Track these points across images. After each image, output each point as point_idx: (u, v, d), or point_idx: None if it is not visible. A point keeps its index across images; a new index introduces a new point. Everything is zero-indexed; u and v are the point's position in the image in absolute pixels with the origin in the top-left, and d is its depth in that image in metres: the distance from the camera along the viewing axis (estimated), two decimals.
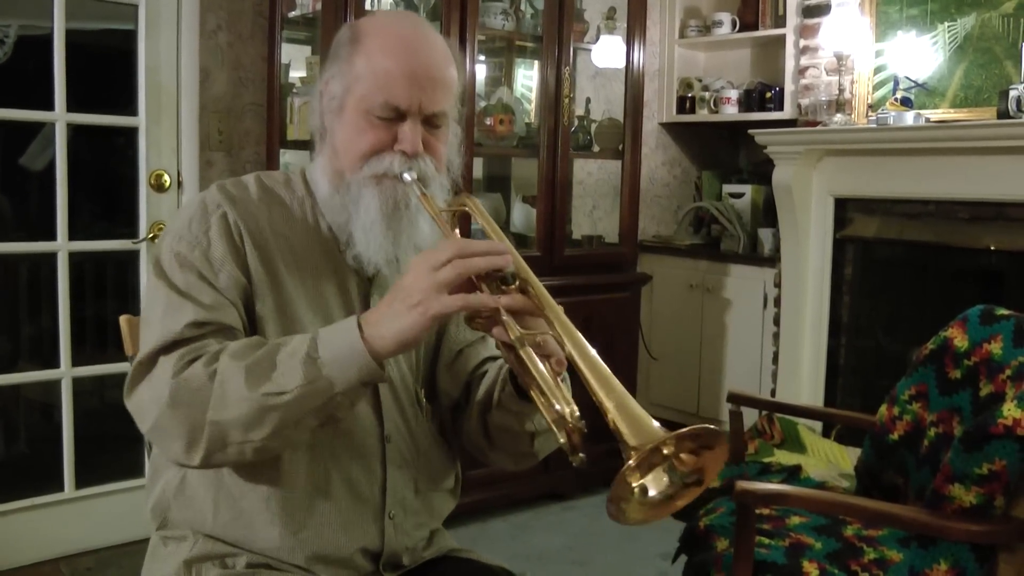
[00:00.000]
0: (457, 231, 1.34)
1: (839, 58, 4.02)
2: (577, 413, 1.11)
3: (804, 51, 4.25)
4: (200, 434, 1.19)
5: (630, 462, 0.99)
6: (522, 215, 4.05)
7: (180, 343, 1.23)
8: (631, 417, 1.03)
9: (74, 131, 3.08)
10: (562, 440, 1.13)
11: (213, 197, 1.36)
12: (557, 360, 1.14)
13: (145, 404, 1.23)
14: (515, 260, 1.20)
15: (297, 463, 1.32)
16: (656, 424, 1.03)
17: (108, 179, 3.36)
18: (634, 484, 1.03)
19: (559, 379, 1.15)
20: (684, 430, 1.01)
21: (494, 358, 1.46)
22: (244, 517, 1.32)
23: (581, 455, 1.12)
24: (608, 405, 1.04)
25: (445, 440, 1.51)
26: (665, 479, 1.05)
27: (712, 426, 1.03)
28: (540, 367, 1.14)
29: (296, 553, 1.33)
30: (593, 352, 1.12)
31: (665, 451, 1.03)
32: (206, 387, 1.18)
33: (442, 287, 1.14)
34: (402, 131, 1.32)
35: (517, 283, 1.19)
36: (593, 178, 4.59)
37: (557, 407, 1.11)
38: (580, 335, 1.13)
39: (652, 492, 1.05)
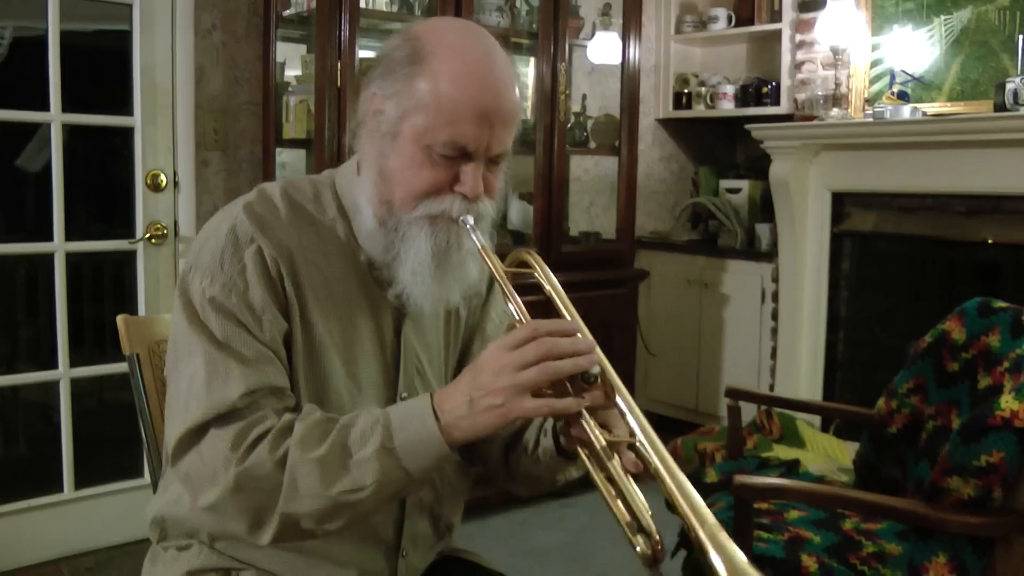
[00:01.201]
0: (519, 300, 1.25)
1: (835, 52, 4.03)
2: (653, 526, 1.04)
3: (800, 46, 4.25)
4: (268, 518, 1.14)
5: None
6: (519, 212, 4.04)
7: (233, 415, 1.16)
8: (731, 561, 0.96)
9: (70, 132, 3.08)
10: (639, 547, 1.04)
11: (244, 227, 1.24)
12: (634, 463, 1.09)
13: (198, 481, 1.17)
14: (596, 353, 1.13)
15: None
16: (747, 562, 0.97)
17: (104, 179, 3.36)
18: None
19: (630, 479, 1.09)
20: None
21: None
22: (252, 546, 1.26)
23: (660, 571, 1.06)
24: (701, 535, 0.98)
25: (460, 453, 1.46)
26: None
27: None
28: (626, 480, 1.07)
29: None
30: (674, 463, 1.05)
31: None
32: (274, 476, 1.13)
33: (527, 389, 1.09)
34: (464, 172, 1.21)
35: (599, 382, 1.12)
36: (590, 175, 4.59)
37: (642, 521, 1.05)
38: (656, 436, 1.08)
39: None
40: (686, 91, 4.77)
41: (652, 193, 4.88)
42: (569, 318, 1.18)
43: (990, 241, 3.53)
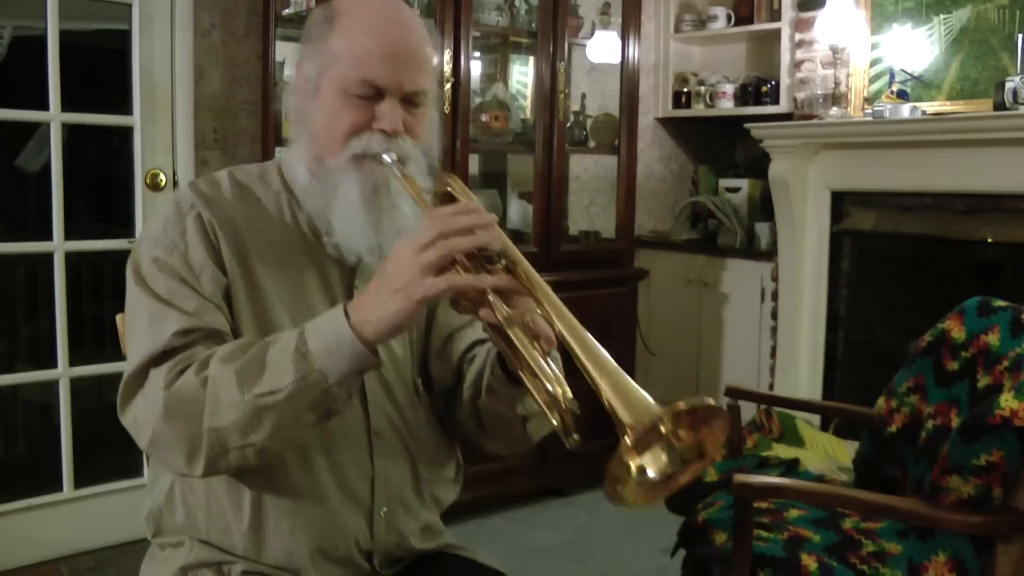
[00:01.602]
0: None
1: (835, 51, 4.02)
2: (570, 395, 1.08)
3: (799, 45, 4.25)
4: (199, 443, 1.17)
5: (626, 440, 0.95)
6: (518, 211, 4.04)
7: (169, 353, 1.21)
8: (626, 395, 0.99)
9: (69, 131, 3.08)
10: (555, 423, 1.10)
11: (186, 197, 1.33)
12: (546, 339, 1.12)
13: (140, 419, 1.21)
14: (500, 238, 1.17)
15: (285, 465, 1.30)
16: (652, 401, 0.99)
17: (104, 179, 3.36)
18: (632, 464, 1.00)
19: (549, 359, 1.12)
20: (681, 405, 0.96)
21: (483, 341, 1.43)
22: (237, 523, 1.31)
23: (575, 436, 1.09)
24: (601, 384, 1.01)
25: (443, 428, 1.49)
26: (664, 458, 1.01)
27: (710, 400, 0.99)
28: (529, 348, 1.11)
29: (294, 555, 1.31)
30: (584, 331, 1.07)
31: (662, 429, 0.99)
32: (199, 395, 1.16)
33: (427, 270, 1.11)
34: (380, 110, 1.29)
35: (503, 262, 1.16)
36: (589, 174, 4.59)
37: (549, 388, 1.08)
38: (570, 313, 1.10)
39: (651, 472, 1.01)
40: (685, 90, 4.77)
41: (651, 192, 4.88)
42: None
43: (990, 240, 3.53)
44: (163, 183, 3.21)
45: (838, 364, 4.09)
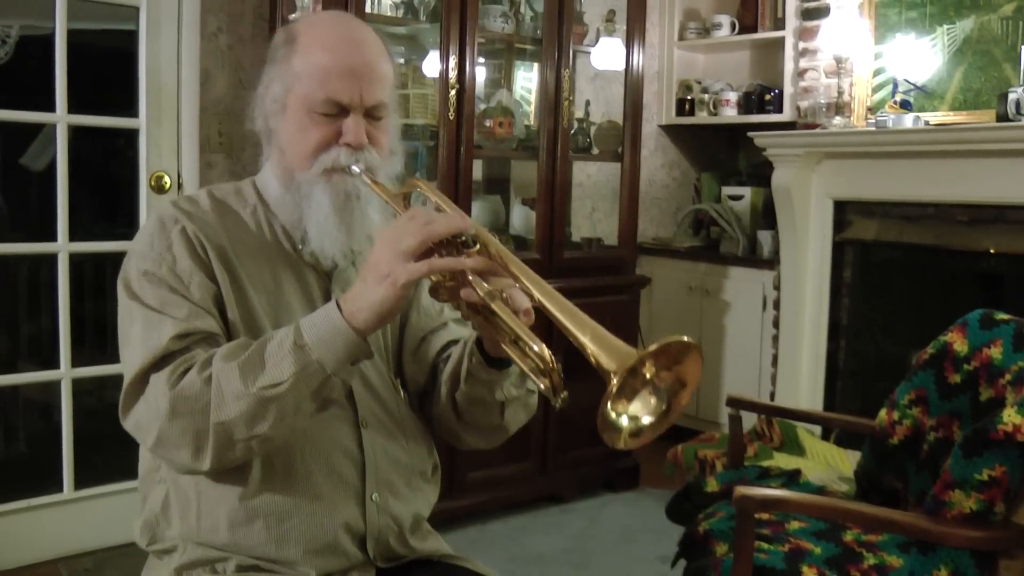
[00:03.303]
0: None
1: (838, 61, 4.03)
2: (550, 354, 1.15)
3: (803, 53, 4.25)
4: (205, 439, 1.21)
5: (613, 383, 1.03)
6: (521, 217, 4.05)
7: (168, 358, 1.25)
8: (608, 346, 1.07)
9: (75, 132, 3.08)
10: (543, 385, 1.17)
11: (169, 213, 1.38)
12: (525, 311, 1.19)
13: (144, 422, 1.25)
14: (474, 224, 1.23)
15: (274, 457, 1.34)
16: (632, 348, 1.07)
17: (108, 180, 3.36)
18: (626, 412, 1.08)
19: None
20: (654, 347, 1.05)
21: (456, 342, 1.49)
22: (230, 519, 1.34)
23: (564, 395, 1.16)
24: (584, 340, 1.08)
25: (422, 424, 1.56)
26: (653, 400, 1.10)
27: (684, 338, 1.08)
28: (512, 317, 1.18)
29: (285, 545, 1.34)
30: (561, 296, 1.14)
31: (646, 373, 1.08)
32: (204, 392, 1.21)
33: (408, 256, 1.19)
34: (345, 125, 1.36)
35: (478, 246, 1.22)
36: (592, 180, 4.59)
37: (535, 349, 1.15)
38: (545, 283, 1.17)
39: (644, 417, 1.09)
40: (689, 98, 4.78)
41: (654, 199, 4.89)
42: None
43: (992, 251, 3.54)
44: (168, 185, 3.22)
45: (839, 373, 4.09)
